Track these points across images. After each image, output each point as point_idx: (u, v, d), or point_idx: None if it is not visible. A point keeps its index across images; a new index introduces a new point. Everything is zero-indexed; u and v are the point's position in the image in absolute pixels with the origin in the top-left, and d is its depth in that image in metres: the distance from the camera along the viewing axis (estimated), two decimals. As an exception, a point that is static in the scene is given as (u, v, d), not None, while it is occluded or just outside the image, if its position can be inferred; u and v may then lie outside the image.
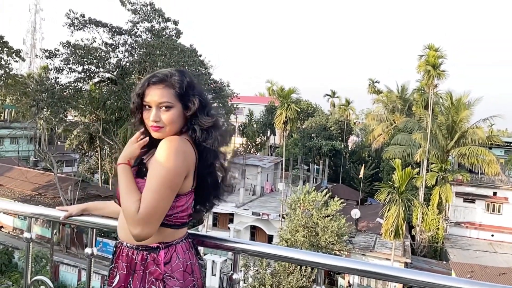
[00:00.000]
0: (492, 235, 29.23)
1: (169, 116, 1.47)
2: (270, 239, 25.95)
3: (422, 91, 34.62)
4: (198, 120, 1.50)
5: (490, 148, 31.34)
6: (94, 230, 1.92)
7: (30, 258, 1.98)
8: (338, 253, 20.23)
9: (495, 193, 30.18)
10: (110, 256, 1.59)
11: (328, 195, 22.13)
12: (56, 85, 25.49)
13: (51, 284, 1.95)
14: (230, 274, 1.71)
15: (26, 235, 1.97)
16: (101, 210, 1.90)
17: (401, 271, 1.51)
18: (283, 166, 37.17)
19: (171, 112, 1.47)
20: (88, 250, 1.88)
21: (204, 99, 1.53)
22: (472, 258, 24.03)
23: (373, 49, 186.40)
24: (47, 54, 25.24)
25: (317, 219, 20.48)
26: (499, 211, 29.94)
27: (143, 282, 1.42)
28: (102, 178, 35.91)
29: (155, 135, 1.50)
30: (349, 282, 21.93)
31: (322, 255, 1.65)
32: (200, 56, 28.28)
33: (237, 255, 1.71)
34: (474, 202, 30.43)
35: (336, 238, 20.26)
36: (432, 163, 30.43)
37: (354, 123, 56.60)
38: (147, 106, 1.50)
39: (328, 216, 20.76)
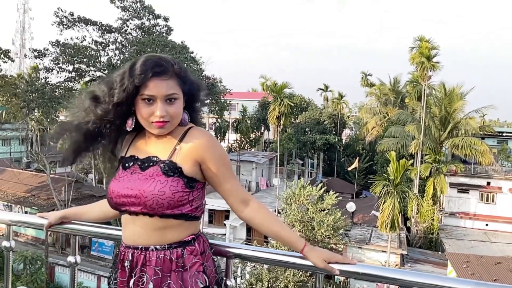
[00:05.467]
0: (487, 225, 29.48)
1: (176, 109, 1.36)
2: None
3: (415, 83, 34.68)
4: (195, 109, 1.47)
5: (483, 138, 31.52)
6: (77, 237, 1.79)
7: (10, 268, 1.86)
8: (334, 246, 20.26)
9: (488, 183, 30.40)
10: (107, 256, 1.51)
11: (323, 189, 22.13)
12: (46, 85, 25.19)
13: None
14: (224, 281, 1.50)
15: (5, 243, 1.81)
16: (82, 215, 1.70)
17: (401, 273, 1.43)
18: (278, 161, 37.14)
19: (177, 105, 1.36)
20: (71, 259, 1.73)
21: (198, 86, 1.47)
22: (467, 248, 24.19)
23: (365, 42, 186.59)
24: (36, 54, 24.93)
25: (313, 213, 20.48)
26: (493, 201, 30.17)
27: (186, 279, 1.33)
28: (96, 177, 35.65)
29: (157, 131, 1.36)
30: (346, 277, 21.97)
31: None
32: (192, 52, 28.08)
33: (230, 260, 1.57)
34: (468, 193, 30.64)
35: (332, 232, 20.29)
36: (426, 155, 30.55)
37: (348, 117, 56.63)
38: (146, 100, 1.33)
39: (324, 210, 20.77)
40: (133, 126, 1.42)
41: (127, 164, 1.41)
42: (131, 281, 1.35)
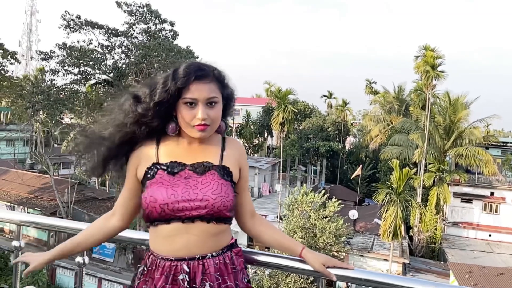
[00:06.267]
0: (490, 235, 29.26)
1: (216, 113, 1.37)
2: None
3: (419, 92, 34.66)
4: (225, 115, 1.47)
5: (487, 148, 31.39)
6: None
7: (19, 267, 1.89)
8: (336, 254, 20.18)
9: (492, 193, 30.22)
10: (108, 259, 1.52)
11: (325, 196, 22.08)
12: (52, 87, 25.34)
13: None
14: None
15: (15, 243, 1.86)
16: (74, 250, 1.56)
17: (400, 280, 1.44)
18: (281, 167, 37.10)
19: (217, 109, 1.38)
20: (79, 259, 1.77)
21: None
22: (470, 259, 24.03)
23: (370, 50, 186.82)
24: (42, 56, 25.12)
25: (315, 220, 20.42)
26: (496, 211, 29.97)
27: (239, 278, 1.41)
28: (99, 180, 35.73)
29: (199, 134, 1.36)
30: (347, 284, 21.88)
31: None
32: (197, 57, 28.21)
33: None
34: (471, 202, 30.46)
35: (334, 239, 20.21)
36: (429, 164, 30.44)
37: (351, 124, 56.61)
38: (189, 103, 1.34)
39: (326, 217, 20.71)
40: (176, 132, 1.41)
41: (175, 170, 1.38)
42: None
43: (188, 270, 1.33)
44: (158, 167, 1.38)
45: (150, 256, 1.39)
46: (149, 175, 1.37)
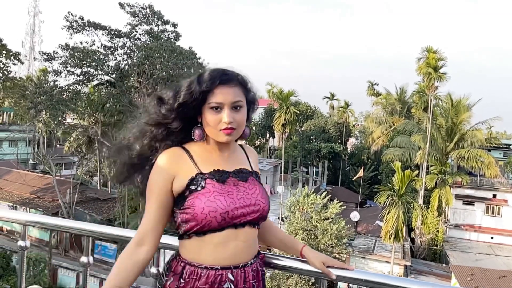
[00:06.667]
0: (492, 238, 29.18)
1: (242, 117, 1.38)
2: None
3: (422, 94, 34.62)
4: (249, 120, 1.48)
5: (489, 150, 31.33)
6: (91, 238, 1.83)
7: (24, 267, 1.91)
8: (337, 256, 20.15)
9: (494, 196, 30.14)
10: (110, 260, 1.51)
11: (327, 197, 22.07)
12: (54, 88, 25.40)
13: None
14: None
15: (21, 243, 1.88)
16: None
17: (399, 280, 1.46)
18: (282, 168, 37.10)
19: (242, 113, 1.38)
20: (84, 259, 1.78)
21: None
22: (472, 261, 23.96)
23: (372, 51, 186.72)
24: (45, 56, 25.19)
25: (317, 221, 20.41)
26: (498, 214, 29.89)
27: (262, 286, 1.44)
28: (101, 181, 35.80)
29: (225, 138, 1.36)
30: (348, 285, 21.84)
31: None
32: (199, 58, 28.24)
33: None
34: (473, 205, 30.39)
35: (336, 241, 20.19)
36: (431, 166, 30.38)
37: (353, 126, 56.59)
38: (214, 108, 1.35)
39: (328, 218, 20.68)
40: (202, 137, 1.40)
41: (223, 178, 1.38)
42: None
43: (232, 278, 1.33)
44: (204, 176, 1.35)
45: (185, 267, 1.34)
46: (194, 186, 1.34)
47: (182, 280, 1.32)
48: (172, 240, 1.70)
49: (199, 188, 1.33)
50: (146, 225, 1.35)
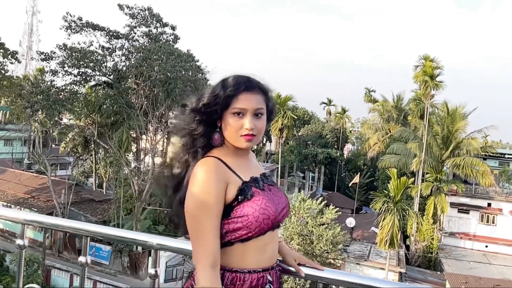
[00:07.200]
0: (486, 246, 29.26)
1: (262, 124, 1.40)
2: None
3: (418, 101, 34.80)
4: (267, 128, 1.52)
5: (484, 159, 31.49)
6: (89, 238, 1.82)
7: (22, 265, 1.89)
8: (332, 261, 20.13)
9: (489, 204, 30.26)
10: (104, 261, 1.48)
11: (323, 203, 22.07)
12: (51, 88, 25.31)
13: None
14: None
15: (19, 242, 1.87)
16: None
17: (362, 279, 1.53)
18: (279, 173, 37.12)
19: (263, 120, 1.41)
20: (82, 259, 1.78)
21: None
22: (466, 269, 24.00)
23: (371, 58, 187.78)
24: (43, 56, 25.12)
25: (312, 227, 20.40)
26: (493, 222, 30.00)
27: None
28: (96, 182, 35.65)
29: (245, 144, 1.37)
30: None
31: (328, 270, 1.60)
32: (197, 61, 28.28)
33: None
34: (468, 213, 30.49)
35: (331, 246, 20.18)
36: (427, 173, 30.49)
37: (350, 132, 56.73)
38: (237, 113, 1.36)
39: (323, 224, 20.68)
40: (220, 142, 1.41)
41: (262, 184, 1.42)
42: None
43: (271, 279, 1.38)
44: (249, 185, 1.37)
45: (225, 274, 1.34)
46: (243, 195, 1.34)
47: None
48: (170, 242, 1.70)
49: (248, 197, 1.34)
50: (214, 245, 1.28)
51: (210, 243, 1.27)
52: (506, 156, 41.17)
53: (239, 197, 1.33)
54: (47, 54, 24.99)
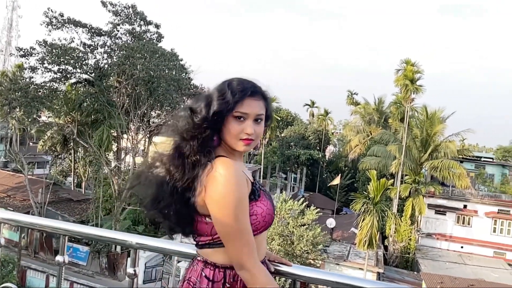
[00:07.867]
0: (462, 247, 29.96)
1: (261, 130, 1.43)
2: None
3: (399, 105, 35.40)
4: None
5: (461, 161, 32.26)
6: (66, 237, 1.82)
7: (-3, 265, 1.88)
8: (312, 262, 20.28)
9: (465, 206, 30.99)
10: (81, 262, 1.50)
11: (304, 204, 22.22)
12: (30, 85, 24.78)
13: (18, 292, 1.87)
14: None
15: None
16: None
17: (375, 284, 1.55)
18: (261, 174, 37.19)
19: (262, 126, 1.44)
20: (59, 258, 1.78)
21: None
22: (442, 269, 24.53)
23: (353, 61, 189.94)
24: (22, 52, 24.56)
25: (293, 227, 20.51)
26: (468, 224, 30.74)
27: None
28: (75, 181, 35.01)
29: (244, 148, 1.41)
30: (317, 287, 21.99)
31: (301, 267, 1.65)
32: (181, 60, 28.10)
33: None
34: (445, 214, 31.16)
35: (311, 247, 20.33)
36: (406, 175, 31.04)
37: (332, 133, 57.28)
38: (239, 118, 1.38)
39: (304, 225, 20.82)
40: (218, 143, 1.42)
41: (260, 186, 1.47)
42: None
43: None
44: (257, 186, 1.44)
45: (226, 271, 1.38)
46: (253, 196, 1.40)
47: (228, 285, 1.38)
48: (150, 241, 1.72)
49: (257, 197, 1.40)
50: (254, 242, 1.35)
51: (252, 240, 1.34)
52: (482, 159, 42.31)
53: (251, 197, 1.38)
54: (26, 50, 24.46)
